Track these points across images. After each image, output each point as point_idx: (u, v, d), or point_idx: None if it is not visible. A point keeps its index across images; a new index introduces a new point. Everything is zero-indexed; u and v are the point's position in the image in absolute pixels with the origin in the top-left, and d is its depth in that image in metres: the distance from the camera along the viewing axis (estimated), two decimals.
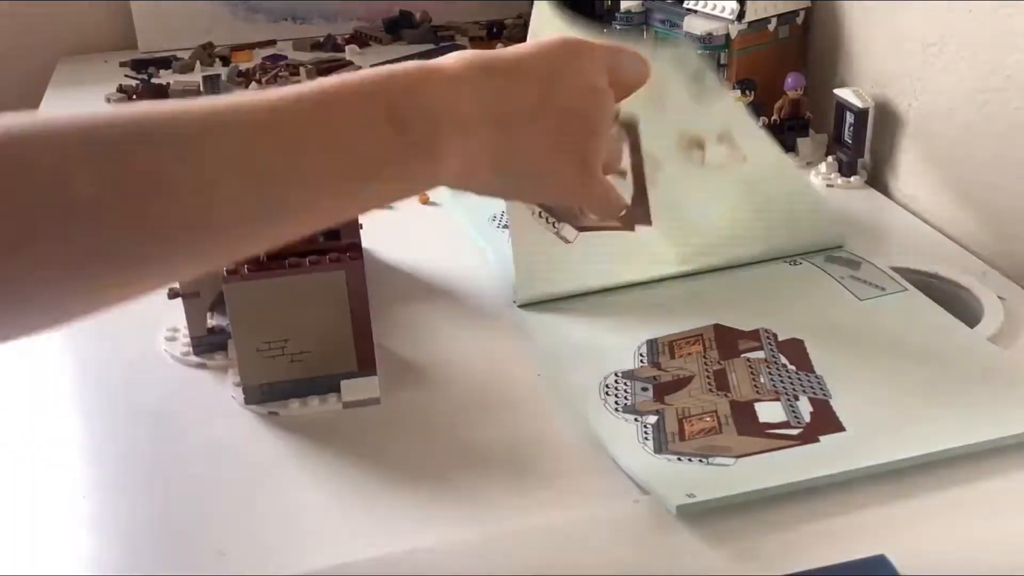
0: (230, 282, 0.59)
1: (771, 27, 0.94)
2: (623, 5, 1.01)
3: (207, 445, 0.59)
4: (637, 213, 0.60)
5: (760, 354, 0.63)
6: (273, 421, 0.61)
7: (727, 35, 0.93)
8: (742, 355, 0.63)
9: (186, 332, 0.68)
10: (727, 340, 0.65)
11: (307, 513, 0.53)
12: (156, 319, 0.70)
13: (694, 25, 0.94)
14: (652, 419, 0.58)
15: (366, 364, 0.62)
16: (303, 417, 0.61)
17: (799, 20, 0.96)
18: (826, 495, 0.51)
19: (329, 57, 1.27)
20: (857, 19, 0.91)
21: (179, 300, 0.66)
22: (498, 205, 0.79)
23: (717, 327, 0.66)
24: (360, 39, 1.36)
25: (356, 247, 0.61)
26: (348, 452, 0.58)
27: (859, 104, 0.85)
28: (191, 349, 0.68)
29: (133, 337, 0.69)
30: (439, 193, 0.87)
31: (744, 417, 0.57)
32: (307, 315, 0.60)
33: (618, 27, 1.01)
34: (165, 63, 1.28)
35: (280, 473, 0.57)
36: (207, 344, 0.67)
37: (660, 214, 0.61)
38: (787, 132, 0.92)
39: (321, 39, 1.35)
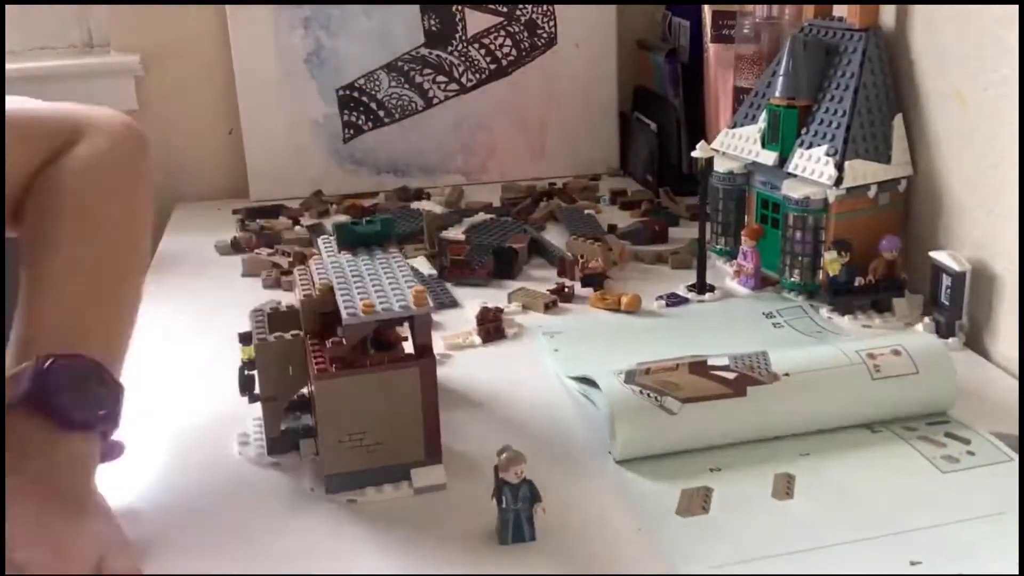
0: (321, 379, 0.69)
1: (871, 194, 1.00)
2: (723, 166, 1.08)
3: (294, 533, 0.69)
4: None
5: None
6: (352, 508, 0.71)
7: (825, 200, 0.99)
8: None
9: (256, 437, 0.79)
10: None
11: None
12: (227, 428, 0.81)
13: (792, 188, 1.01)
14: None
15: (433, 453, 0.73)
16: (379, 503, 0.71)
17: (900, 188, 1.02)
18: None
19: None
20: (956, 185, 0.97)
21: (246, 408, 0.77)
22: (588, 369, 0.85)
23: None
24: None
25: (429, 347, 0.71)
26: (420, 532, 0.68)
27: (956, 267, 0.90)
28: (265, 451, 0.78)
29: (207, 445, 0.80)
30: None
31: None
32: (384, 409, 0.71)
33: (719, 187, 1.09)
34: (274, 212, 1.40)
35: (364, 554, 0.67)
36: (280, 445, 0.77)
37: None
38: (883, 292, 0.97)
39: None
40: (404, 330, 0.75)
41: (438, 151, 1.53)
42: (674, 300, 1.05)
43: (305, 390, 0.78)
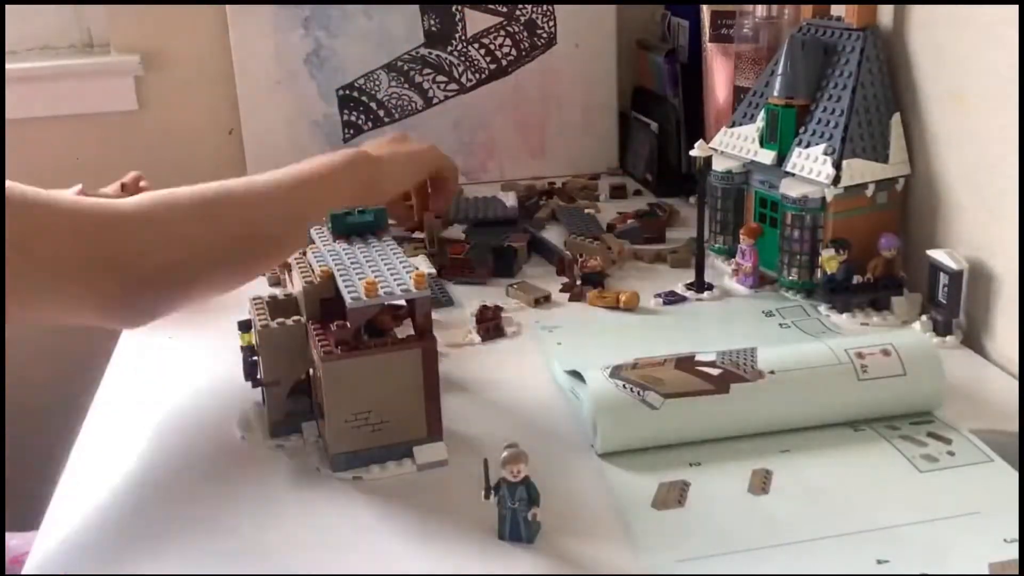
0: (328, 361, 0.71)
1: (869, 192, 1.00)
2: (722, 165, 1.09)
3: (305, 508, 0.72)
4: None
5: None
6: (358, 485, 0.74)
7: (823, 198, 1.00)
8: None
9: (257, 420, 0.82)
10: None
11: (395, 560, 0.66)
12: (226, 411, 0.84)
13: (790, 187, 1.01)
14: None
15: (435, 431, 0.76)
16: (384, 479, 0.74)
17: (898, 187, 1.03)
18: None
19: None
20: (954, 185, 0.97)
21: (245, 392, 0.80)
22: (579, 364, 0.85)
23: None
24: None
25: (429, 329, 0.74)
26: (424, 505, 0.71)
27: (953, 266, 0.91)
28: (267, 434, 0.80)
29: (209, 430, 0.83)
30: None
31: None
32: (387, 389, 0.73)
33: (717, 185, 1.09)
34: None
35: (370, 528, 0.69)
36: (284, 428, 0.80)
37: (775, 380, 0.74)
38: (881, 291, 0.98)
39: None
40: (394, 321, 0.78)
41: None
42: (672, 298, 1.05)
43: (303, 375, 0.80)
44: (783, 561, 0.63)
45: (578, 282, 1.08)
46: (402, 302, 0.75)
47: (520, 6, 1.50)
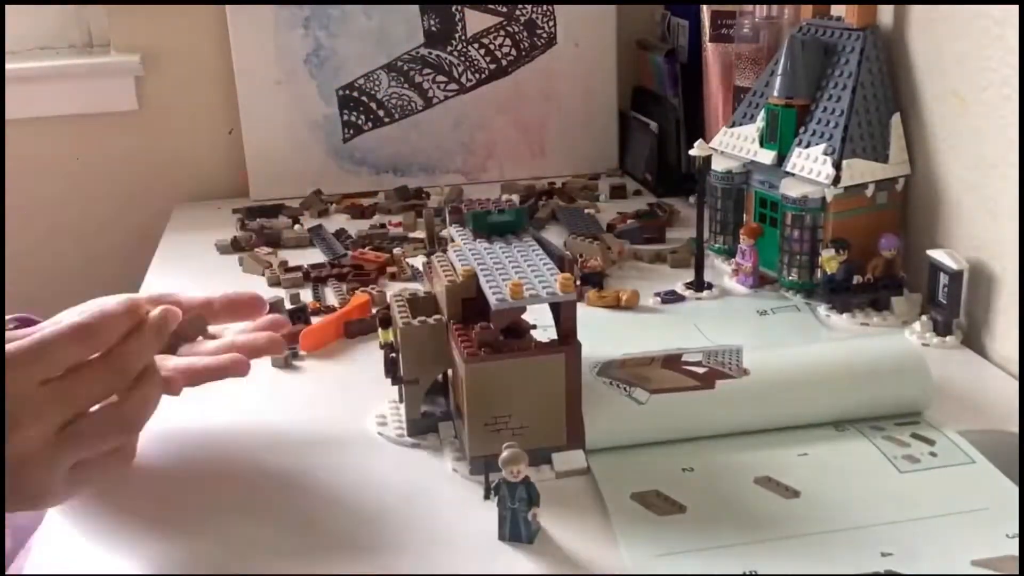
0: (471, 363, 0.70)
1: (869, 192, 1.00)
2: (722, 165, 1.09)
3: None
4: None
5: None
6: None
7: (823, 198, 0.99)
8: None
9: (394, 418, 0.81)
10: None
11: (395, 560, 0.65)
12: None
13: (790, 187, 1.01)
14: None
15: (575, 438, 0.74)
16: None
17: (899, 187, 1.03)
18: None
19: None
20: (954, 184, 0.97)
21: (378, 391, 0.81)
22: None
23: None
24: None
25: (573, 333, 0.72)
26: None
27: (953, 266, 0.91)
28: (405, 431, 0.79)
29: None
30: None
31: None
32: (529, 393, 0.72)
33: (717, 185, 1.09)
34: (274, 211, 1.40)
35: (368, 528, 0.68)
36: (421, 426, 0.79)
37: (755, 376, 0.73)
38: (881, 291, 0.98)
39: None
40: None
41: (438, 151, 1.54)
42: (670, 297, 1.05)
43: (439, 376, 0.79)
44: (763, 558, 0.63)
45: (578, 282, 1.08)
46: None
47: (520, 6, 1.50)
